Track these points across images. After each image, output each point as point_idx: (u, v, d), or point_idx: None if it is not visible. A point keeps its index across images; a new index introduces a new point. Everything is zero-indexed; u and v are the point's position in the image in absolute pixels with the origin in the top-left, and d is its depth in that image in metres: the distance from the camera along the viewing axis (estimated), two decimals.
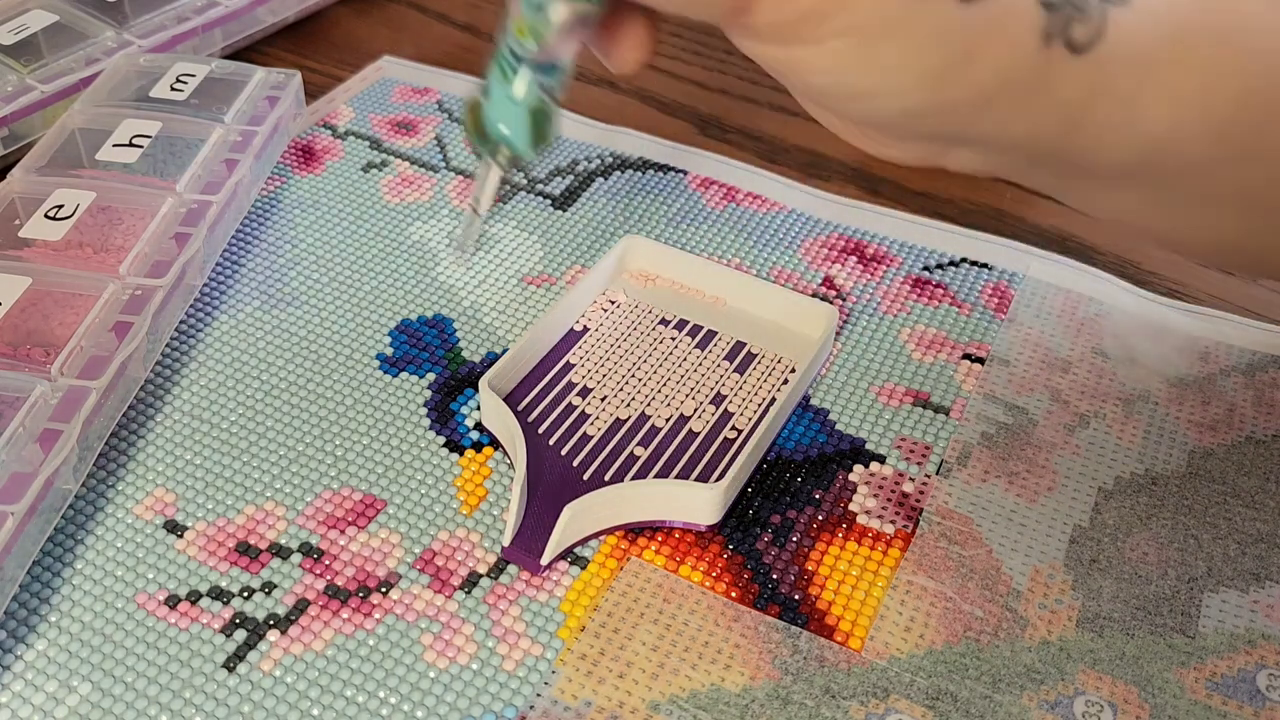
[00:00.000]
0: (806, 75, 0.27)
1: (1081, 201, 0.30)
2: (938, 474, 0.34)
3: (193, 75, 0.43)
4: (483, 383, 0.33)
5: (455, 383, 0.36)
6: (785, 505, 0.33)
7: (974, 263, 0.41)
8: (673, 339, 0.37)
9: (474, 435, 0.34)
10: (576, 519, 0.30)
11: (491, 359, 0.37)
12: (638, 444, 0.34)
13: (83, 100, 0.42)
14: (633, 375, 0.36)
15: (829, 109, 0.29)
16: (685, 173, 0.45)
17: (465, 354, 0.37)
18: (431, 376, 0.36)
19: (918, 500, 0.33)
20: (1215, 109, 0.27)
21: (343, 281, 0.40)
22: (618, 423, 0.34)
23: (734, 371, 0.36)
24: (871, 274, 0.41)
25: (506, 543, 0.31)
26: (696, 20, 0.26)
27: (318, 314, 0.39)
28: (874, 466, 0.34)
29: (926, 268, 0.41)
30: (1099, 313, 0.39)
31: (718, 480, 0.32)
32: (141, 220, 0.36)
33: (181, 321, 0.38)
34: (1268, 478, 0.34)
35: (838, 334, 0.38)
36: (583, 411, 0.35)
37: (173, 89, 0.42)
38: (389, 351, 0.37)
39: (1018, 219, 0.44)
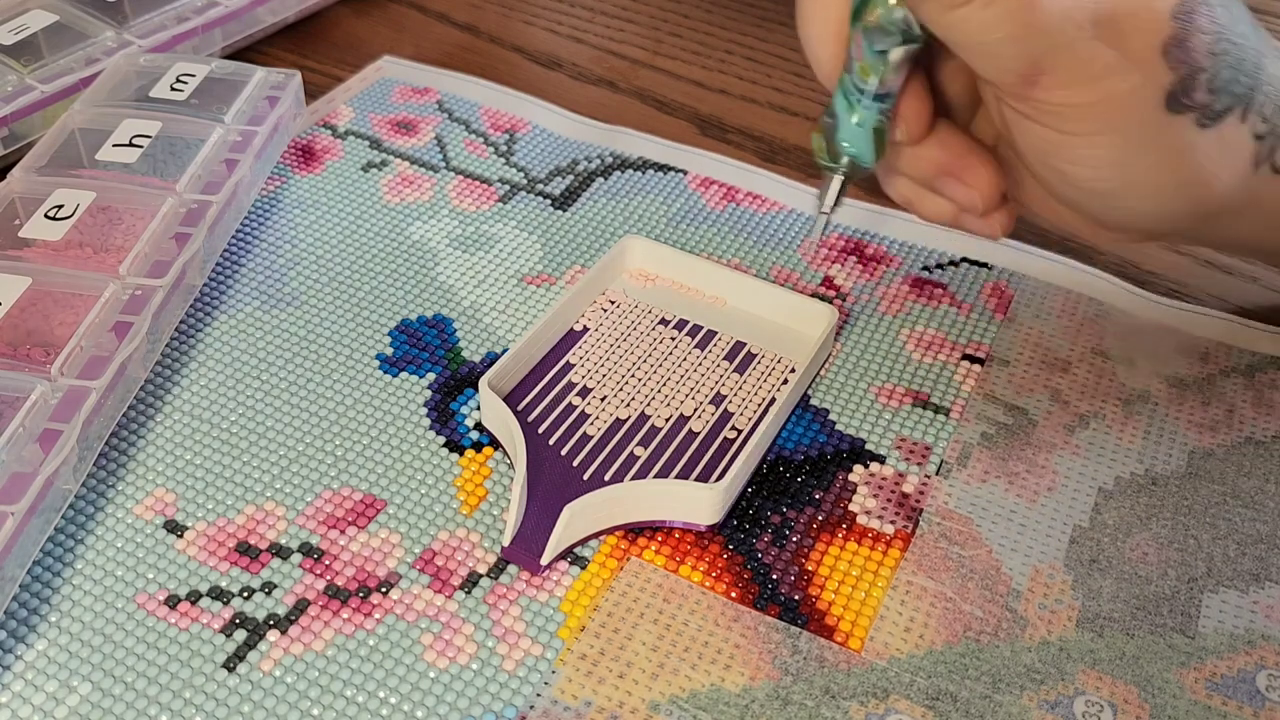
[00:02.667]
0: (1066, 162, 0.30)
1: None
2: (938, 474, 0.34)
3: (193, 75, 0.43)
4: (483, 383, 0.33)
5: (455, 383, 0.36)
6: (785, 505, 0.33)
7: (974, 263, 0.41)
8: (672, 339, 0.37)
9: (474, 435, 0.34)
10: (576, 519, 0.30)
11: (491, 359, 0.37)
12: (638, 444, 0.34)
13: (83, 100, 0.42)
14: (632, 375, 0.36)
15: (1066, 197, 0.32)
16: (685, 173, 0.45)
17: (465, 354, 0.37)
18: (431, 376, 0.36)
19: (918, 500, 0.33)
20: None
21: (343, 281, 0.40)
22: (618, 423, 0.34)
23: (734, 371, 0.36)
24: (871, 274, 0.41)
25: (506, 543, 0.31)
26: (987, 78, 0.29)
27: (318, 314, 0.39)
28: (874, 466, 0.34)
29: (926, 268, 0.41)
30: (1099, 313, 0.39)
31: (718, 480, 0.32)
32: (141, 220, 0.36)
33: (181, 321, 0.38)
34: (1267, 478, 0.34)
35: (838, 334, 0.38)
36: (583, 411, 0.35)
37: (173, 89, 0.42)
38: (389, 351, 0.37)
39: (1017, 219, 0.44)
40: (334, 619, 0.29)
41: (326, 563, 0.31)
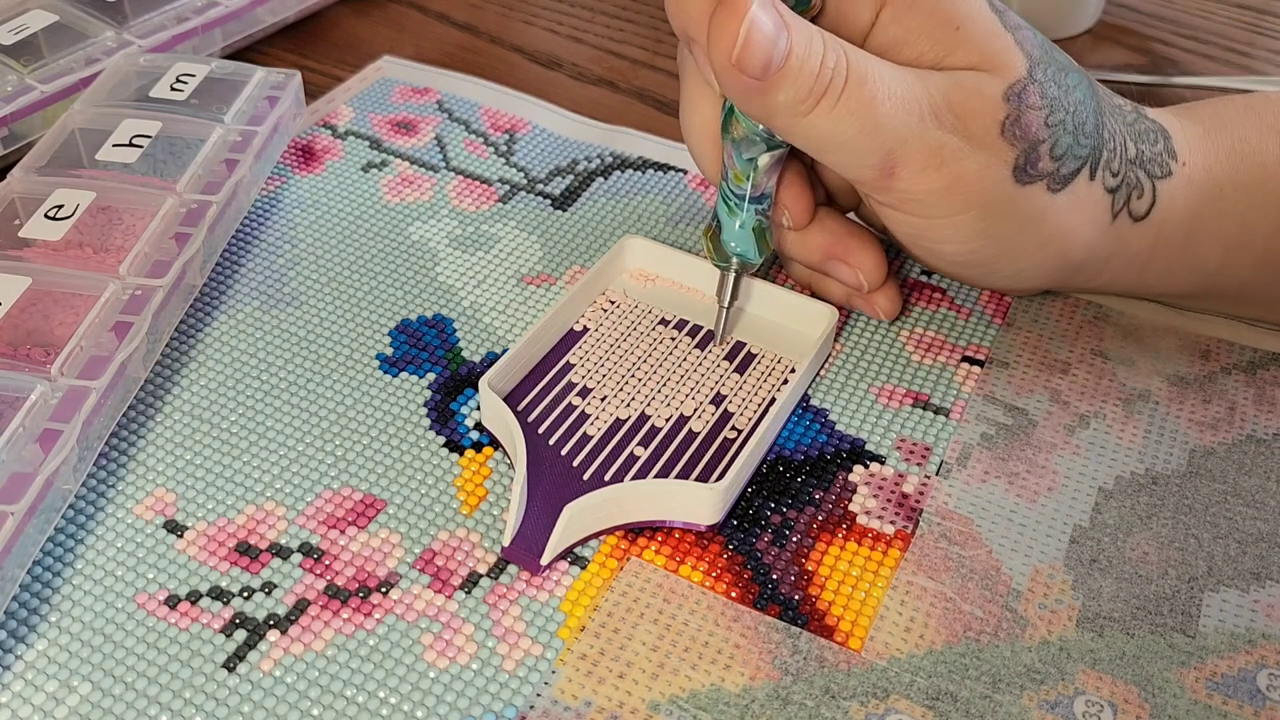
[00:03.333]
0: (935, 242, 0.33)
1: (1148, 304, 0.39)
2: (938, 474, 0.34)
3: (193, 75, 0.43)
4: (483, 383, 0.33)
5: (455, 383, 0.36)
6: (785, 505, 0.33)
7: None
8: (672, 339, 0.37)
9: (474, 435, 0.34)
10: (576, 519, 0.30)
11: (491, 359, 0.37)
12: (638, 444, 0.34)
13: (83, 100, 0.42)
14: (632, 375, 0.36)
15: (945, 270, 0.35)
16: (685, 172, 0.45)
17: (465, 354, 0.37)
18: (431, 376, 0.36)
19: (918, 501, 0.33)
20: (1254, 245, 0.34)
21: (343, 281, 0.40)
22: (618, 423, 0.34)
23: (734, 371, 0.36)
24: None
25: (506, 543, 0.31)
26: (849, 177, 0.32)
27: (318, 314, 0.39)
28: (874, 467, 0.34)
29: (925, 271, 0.41)
30: (1099, 313, 0.39)
31: (718, 480, 0.32)
32: (141, 220, 0.36)
33: (181, 321, 0.38)
34: (1269, 476, 0.34)
35: (838, 335, 0.38)
36: (583, 411, 0.35)
37: (173, 89, 0.42)
38: (389, 351, 0.37)
39: None
40: (334, 619, 0.29)
41: (326, 563, 0.31)
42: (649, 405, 0.35)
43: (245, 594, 0.30)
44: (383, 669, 0.28)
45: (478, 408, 0.35)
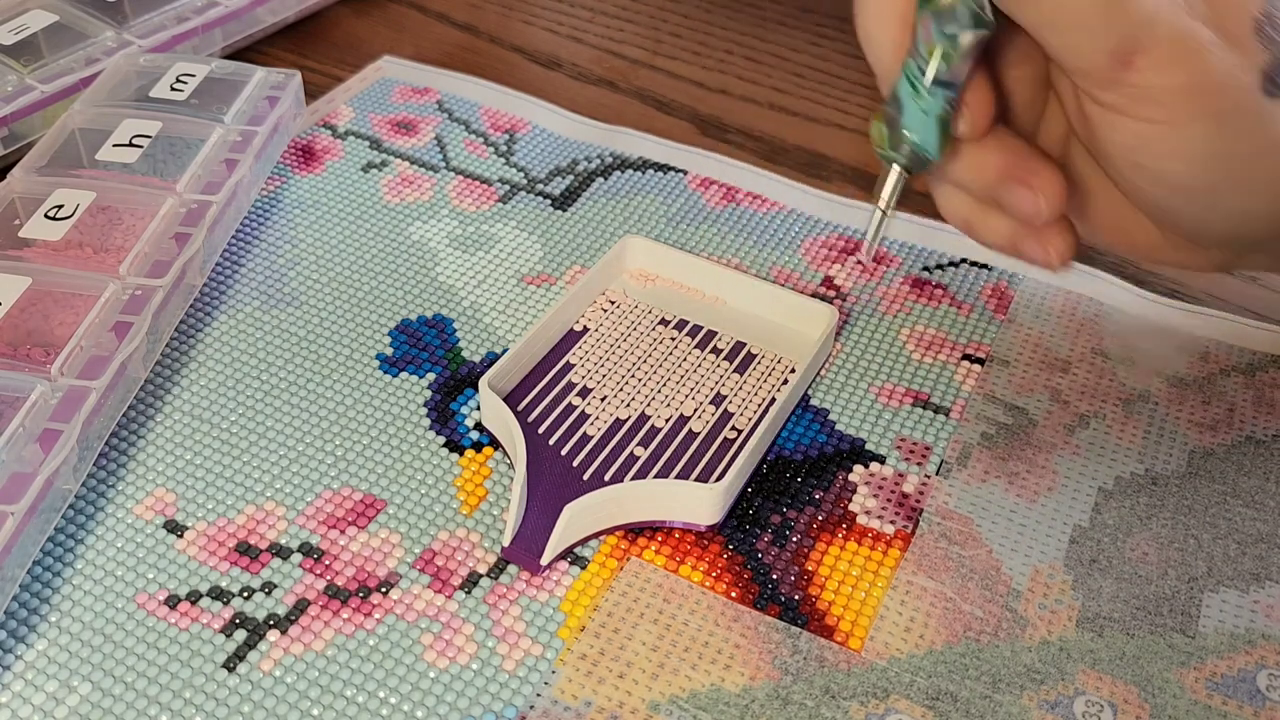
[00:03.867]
0: (1158, 157, 0.28)
1: None
2: (938, 474, 0.34)
3: (193, 75, 0.43)
4: (483, 383, 0.33)
5: (455, 383, 0.36)
6: (785, 505, 0.33)
7: (974, 263, 0.41)
8: (673, 339, 0.37)
9: (474, 435, 0.34)
10: (576, 519, 0.30)
11: (491, 359, 0.37)
12: (638, 444, 0.34)
13: (83, 100, 0.42)
14: (633, 375, 0.36)
15: (1154, 201, 0.29)
16: (685, 173, 0.45)
17: (465, 354, 0.37)
18: (431, 376, 0.36)
19: (918, 500, 0.33)
20: None
21: (343, 281, 0.40)
22: (618, 423, 0.34)
23: (734, 371, 0.36)
24: (871, 274, 0.41)
25: (506, 543, 0.31)
26: (1073, 64, 0.27)
27: (318, 314, 0.39)
28: (874, 466, 0.34)
29: (926, 268, 0.41)
30: (1099, 313, 0.39)
31: (717, 480, 0.32)
32: (141, 220, 0.36)
33: (181, 321, 0.38)
34: (1268, 478, 0.34)
35: (838, 334, 0.38)
36: (583, 411, 0.35)
37: (173, 89, 0.42)
38: (389, 351, 0.37)
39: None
40: (334, 619, 0.29)
41: (326, 563, 0.31)
42: (649, 405, 0.35)
43: (245, 594, 0.30)
44: (383, 669, 0.28)
45: (478, 408, 0.35)
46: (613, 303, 0.39)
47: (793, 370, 0.36)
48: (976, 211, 0.33)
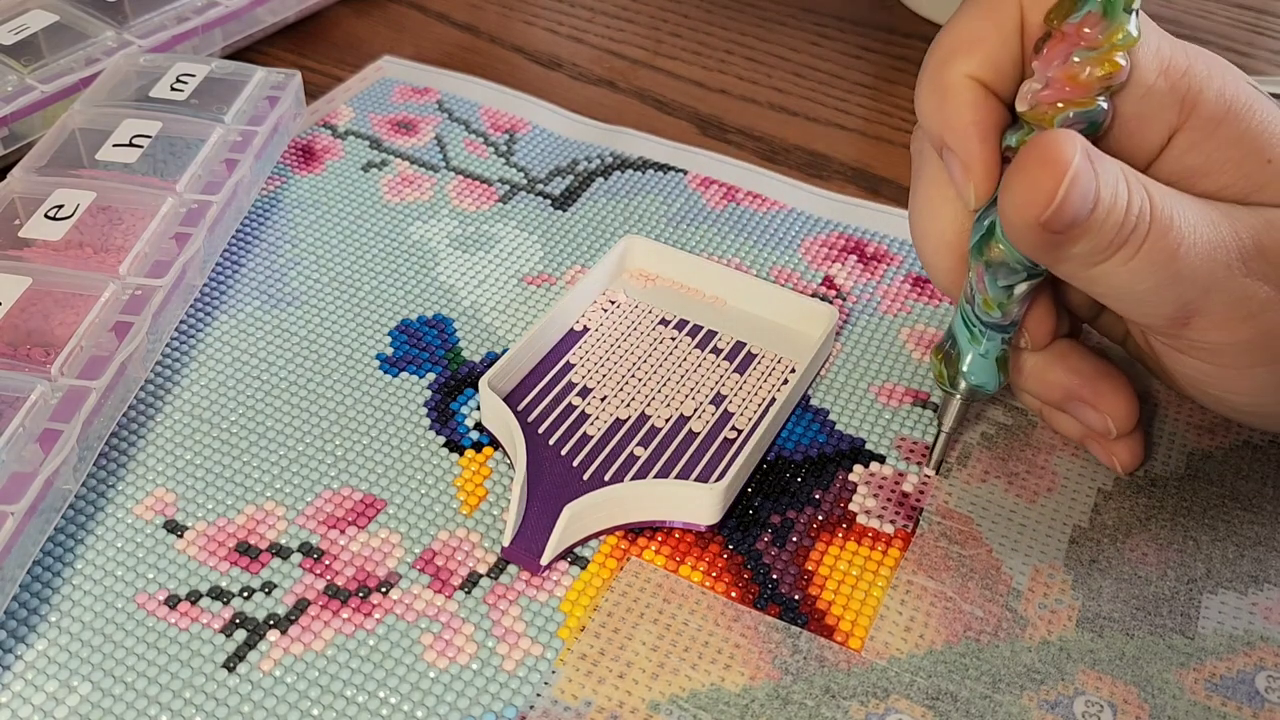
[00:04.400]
0: (1223, 391, 0.30)
1: None
2: (938, 474, 0.34)
3: (193, 75, 0.43)
4: (483, 383, 0.33)
5: (455, 383, 0.36)
6: (785, 505, 0.33)
7: None
8: (673, 339, 0.37)
9: (474, 435, 0.34)
10: (576, 519, 0.30)
11: (491, 359, 0.37)
12: (638, 444, 0.34)
13: (83, 100, 0.42)
14: (633, 375, 0.36)
15: (1224, 413, 0.32)
16: (685, 173, 0.45)
17: (465, 354, 0.37)
18: (431, 376, 0.36)
19: (918, 500, 0.33)
20: None
21: (343, 281, 0.40)
22: (618, 423, 0.34)
23: (734, 371, 0.36)
24: (871, 273, 0.41)
25: (506, 543, 0.31)
26: (1133, 321, 0.29)
27: (318, 314, 0.39)
28: (874, 466, 0.34)
29: None
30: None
31: (717, 480, 0.32)
32: (141, 220, 0.36)
33: (181, 321, 0.38)
34: (1265, 481, 0.34)
35: (838, 334, 0.38)
36: (583, 411, 0.35)
37: (173, 89, 0.42)
38: (389, 351, 0.37)
39: None
40: (334, 619, 0.29)
41: (326, 563, 0.31)
42: (649, 405, 0.35)
43: (245, 594, 0.30)
44: (383, 669, 0.28)
45: (478, 408, 0.35)
46: (613, 303, 0.39)
47: (793, 370, 0.36)
48: (1047, 410, 0.34)
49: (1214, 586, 0.31)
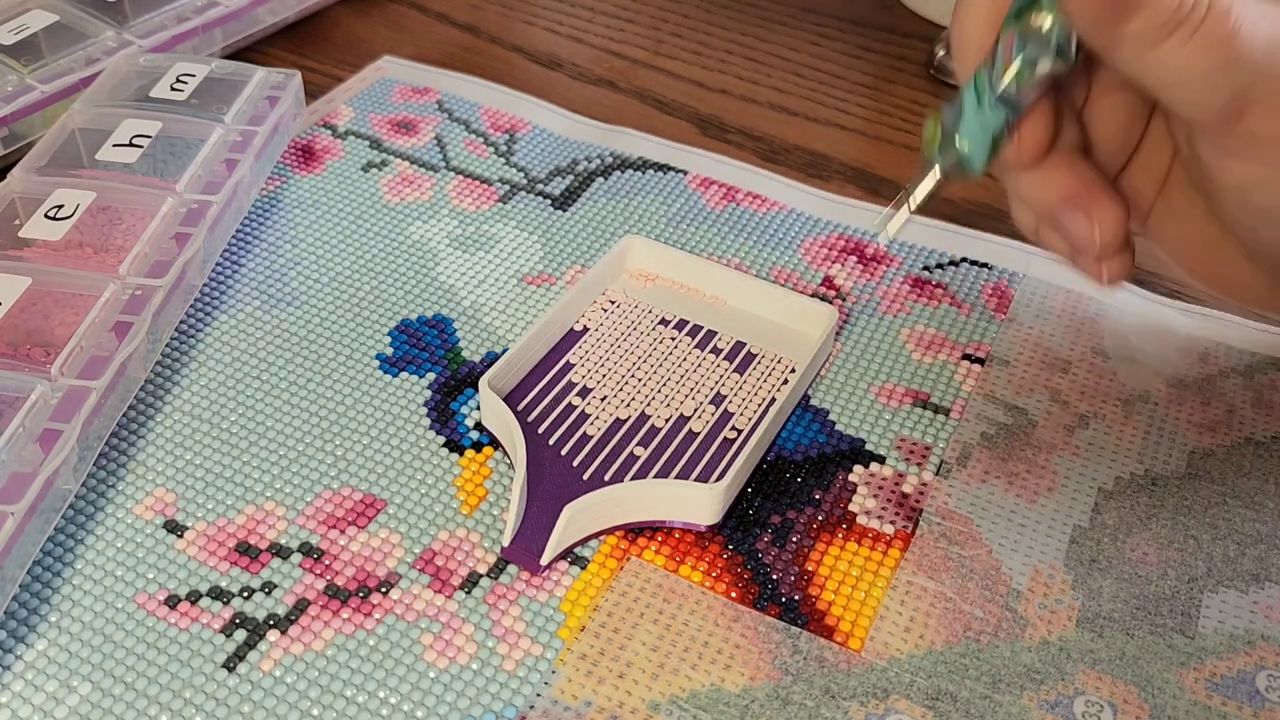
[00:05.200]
0: (1271, 198, 0.28)
1: None
2: (938, 474, 0.34)
3: (193, 75, 0.43)
4: (483, 382, 0.33)
5: (455, 383, 0.36)
6: (785, 505, 0.33)
7: (974, 263, 0.41)
8: (673, 339, 0.37)
9: (474, 435, 0.34)
10: (576, 519, 0.30)
11: (491, 359, 0.37)
12: (638, 444, 0.34)
13: (83, 100, 0.42)
14: (632, 375, 0.36)
15: (1267, 243, 0.30)
16: (685, 173, 0.45)
17: (465, 354, 0.37)
18: (431, 376, 0.36)
19: (918, 500, 0.33)
20: None
21: (343, 281, 0.40)
22: (618, 423, 0.34)
23: (734, 371, 0.36)
24: (871, 274, 0.41)
25: (506, 542, 0.31)
26: (1183, 115, 0.28)
27: (318, 314, 0.39)
28: (874, 467, 0.34)
29: (926, 268, 0.41)
30: (1099, 313, 0.39)
31: (718, 480, 0.32)
32: (141, 220, 0.36)
33: (181, 321, 0.38)
34: (1267, 479, 0.34)
35: (838, 334, 0.38)
36: (583, 411, 0.35)
37: (173, 89, 0.42)
38: (389, 351, 0.37)
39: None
40: (334, 619, 0.29)
41: (326, 563, 0.31)
42: (649, 405, 0.35)
43: (245, 594, 0.30)
44: (383, 669, 0.28)
45: (478, 408, 0.35)
46: (613, 302, 0.39)
47: (793, 370, 0.36)
48: (1041, 228, 0.33)
49: (1215, 585, 0.31)
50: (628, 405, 0.35)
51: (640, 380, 0.36)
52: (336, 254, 0.41)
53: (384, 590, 0.30)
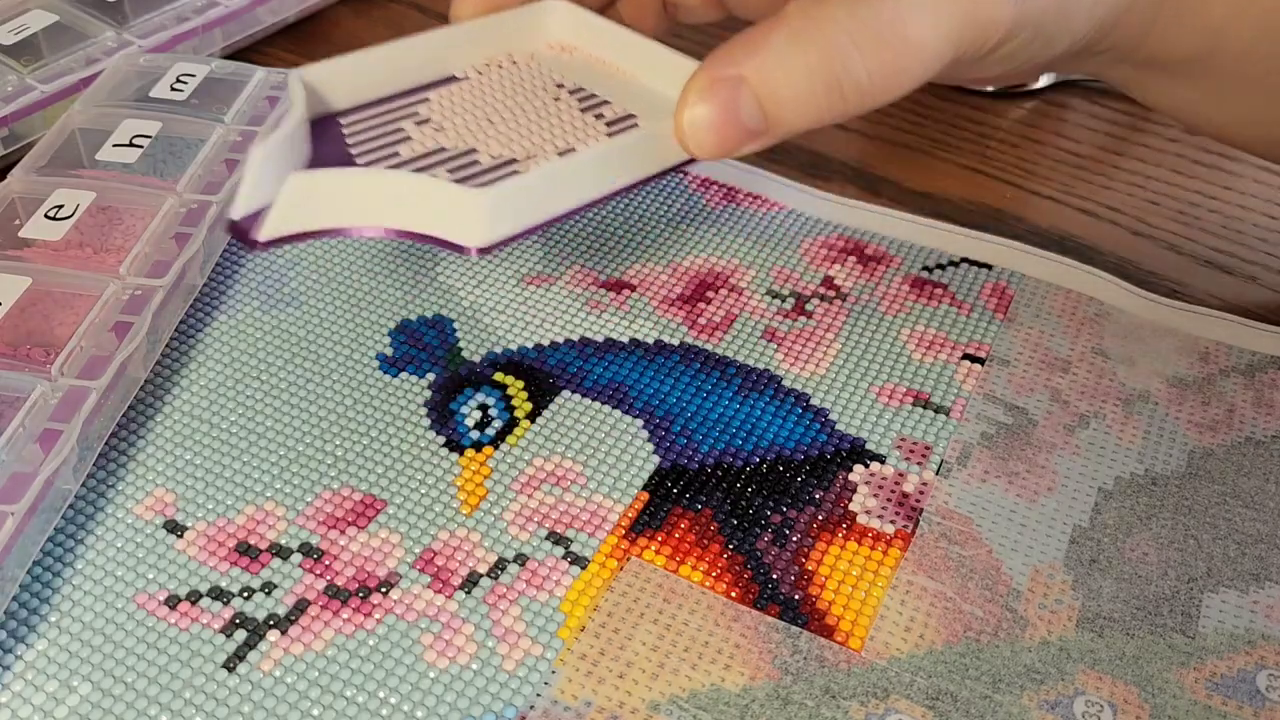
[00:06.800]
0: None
1: (1148, 95, 0.36)
2: (938, 474, 0.34)
3: (193, 75, 0.43)
4: (294, 73, 0.29)
5: (455, 383, 0.36)
6: (785, 505, 0.33)
7: (974, 263, 0.41)
8: (556, 99, 0.32)
9: (474, 435, 0.34)
10: (310, 196, 0.26)
11: (492, 359, 0.37)
12: (444, 169, 0.29)
13: (83, 100, 0.42)
14: (487, 119, 0.31)
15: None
16: (685, 173, 0.45)
17: (465, 354, 0.37)
18: (431, 376, 0.36)
19: (918, 500, 0.33)
20: (1261, 3, 0.32)
21: (343, 281, 0.40)
22: (438, 150, 0.30)
23: (603, 136, 0.32)
24: (871, 274, 0.41)
25: (236, 217, 0.26)
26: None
27: (318, 314, 0.39)
28: (874, 466, 0.34)
29: (926, 268, 0.41)
30: (1099, 313, 0.39)
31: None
32: (141, 220, 0.36)
33: (181, 321, 0.38)
34: (1267, 478, 0.34)
35: (838, 334, 0.38)
36: (406, 135, 0.30)
37: (173, 89, 0.42)
38: (389, 351, 0.37)
39: (1017, 219, 0.44)
40: (334, 619, 0.29)
41: (326, 563, 0.31)
42: (482, 142, 0.30)
43: (245, 594, 0.30)
44: (383, 669, 0.28)
45: (478, 407, 0.35)
46: (514, 62, 0.34)
47: (637, 128, 0.31)
48: None
49: (1215, 585, 0.31)
50: (459, 136, 0.30)
51: (491, 123, 0.31)
52: (336, 254, 0.41)
53: (384, 590, 0.30)
